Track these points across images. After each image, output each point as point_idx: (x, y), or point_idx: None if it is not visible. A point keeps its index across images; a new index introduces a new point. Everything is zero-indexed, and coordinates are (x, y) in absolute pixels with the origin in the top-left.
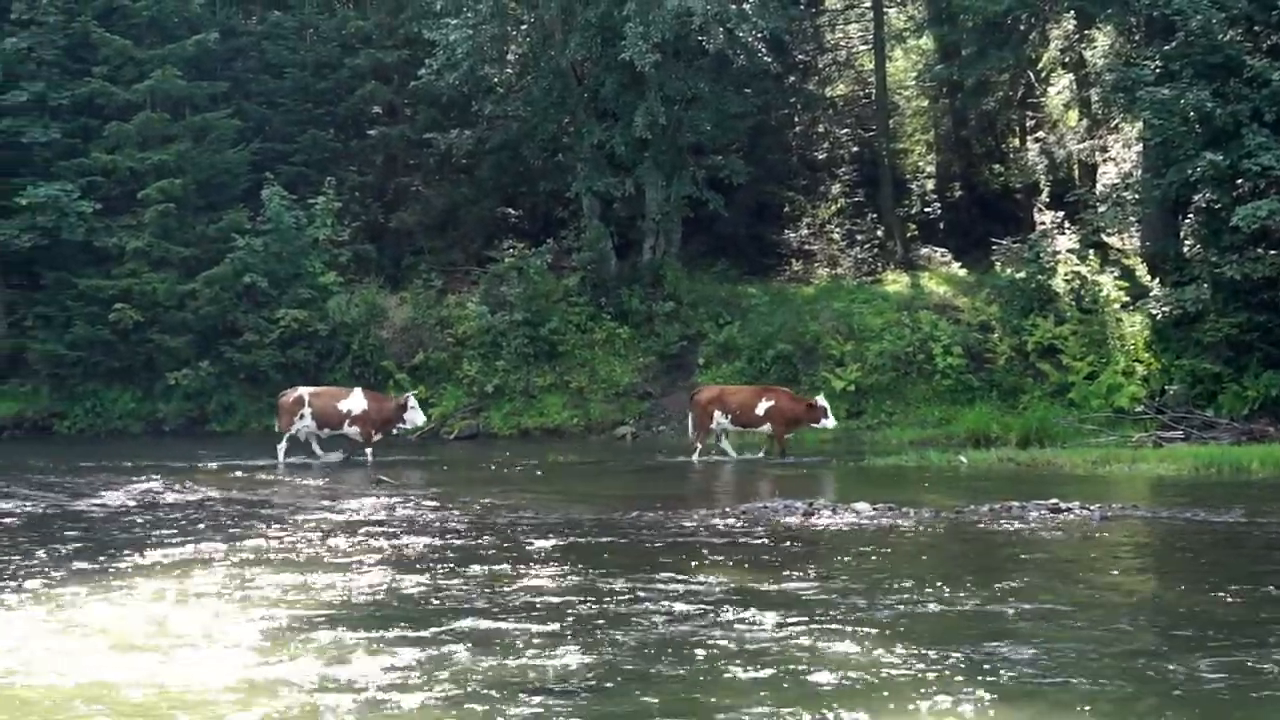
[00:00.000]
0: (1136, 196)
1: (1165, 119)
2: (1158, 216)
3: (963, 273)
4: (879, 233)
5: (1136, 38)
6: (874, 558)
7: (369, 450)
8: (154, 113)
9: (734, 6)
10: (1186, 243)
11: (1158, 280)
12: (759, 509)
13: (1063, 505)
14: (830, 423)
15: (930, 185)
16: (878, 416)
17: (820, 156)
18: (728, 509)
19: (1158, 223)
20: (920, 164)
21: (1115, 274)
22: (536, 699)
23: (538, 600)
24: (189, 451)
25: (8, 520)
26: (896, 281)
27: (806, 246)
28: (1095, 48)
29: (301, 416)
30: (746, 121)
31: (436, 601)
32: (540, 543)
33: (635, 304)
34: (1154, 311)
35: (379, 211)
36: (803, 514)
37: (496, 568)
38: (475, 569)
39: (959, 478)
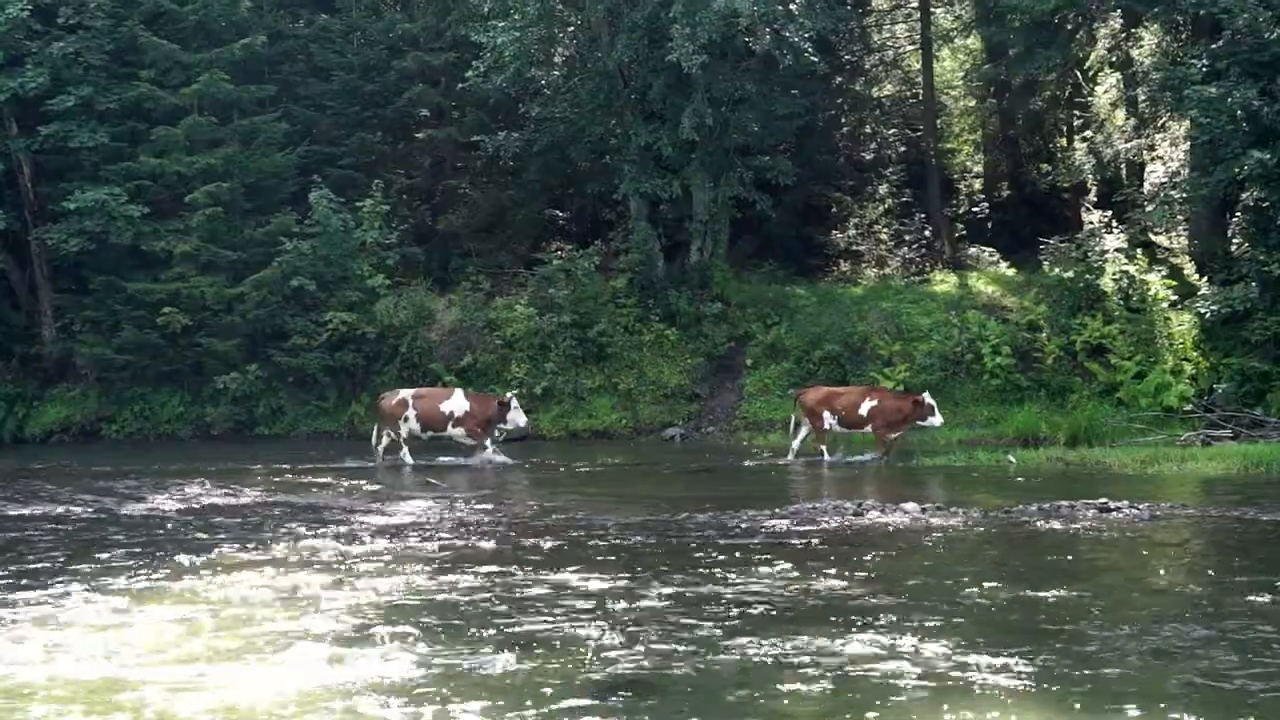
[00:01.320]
0: (1184, 195)
1: (1212, 117)
2: (1205, 215)
3: (1010, 272)
4: (926, 233)
5: (1183, 36)
6: (923, 558)
7: (488, 449)
8: (201, 116)
9: (780, 7)
10: (1234, 241)
11: (1206, 279)
12: (808, 510)
13: (1112, 504)
14: (937, 420)
15: (978, 185)
16: None
17: (868, 157)
18: (777, 510)
19: (1205, 221)
20: (968, 164)
21: (1163, 273)
22: (587, 702)
23: (588, 602)
24: (237, 455)
25: (57, 524)
26: (944, 281)
27: (854, 247)
28: (1142, 46)
29: (406, 419)
30: (794, 122)
31: (485, 604)
32: (591, 544)
33: (683, 305)
34: (1202, 310)
35: (426, 214)
36: (852, 514)
37: (546, 570)
38: (524, 571)
39: (1008, 477)
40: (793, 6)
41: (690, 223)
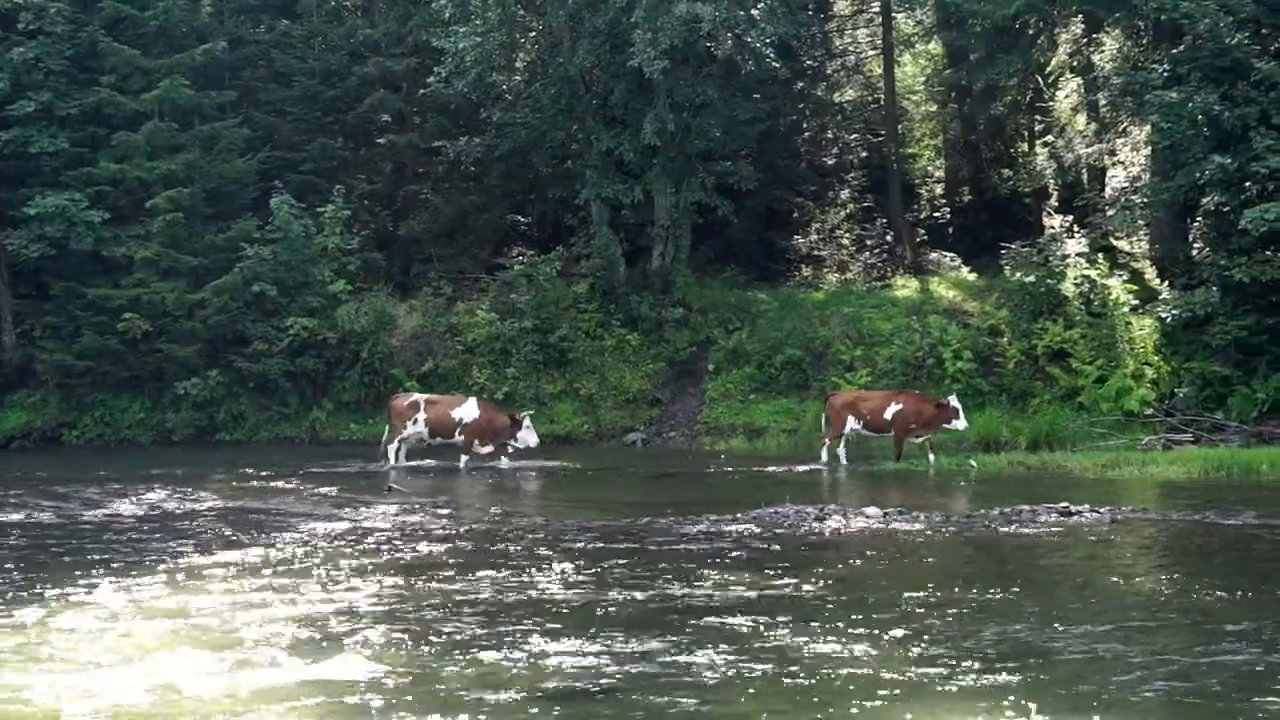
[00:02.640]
0: (1145, 200)
1: (1173, 122)
2: (1166, 220)
3: (972, 277)
4: (888, 237)
5: (1144, 41)
6: (885, 562)
7: (465, 459)
8: (162, 122)
9: (742, 12)
10: (1195, 246)
11: (1167, 283)
12: (770, 514)
13: (1073, 508)
14: (962, 424)
15: (939, 190)
16: None
17: (829, 162)
18: (739, 514)
19: (1166, 226)
20: (929, 169)
21: (1124, 277)
22: (549, 703)
23: (550, 606)
24: (198, 460)
25: (18, 530)
26: (906, 286)
27: (815, 252)
28: (1103, 52)
29: (415, 422)
30: (755, 127)
31: (446, 608)
32: (552, 549)
33: (645, 310)
34: (1163, 315)
35: (388, 219)
36: (814, 519)
37: (507, 574)
38: (486, 575)
39: (969, 481)
40: (754, 12)
41: (652, 228)
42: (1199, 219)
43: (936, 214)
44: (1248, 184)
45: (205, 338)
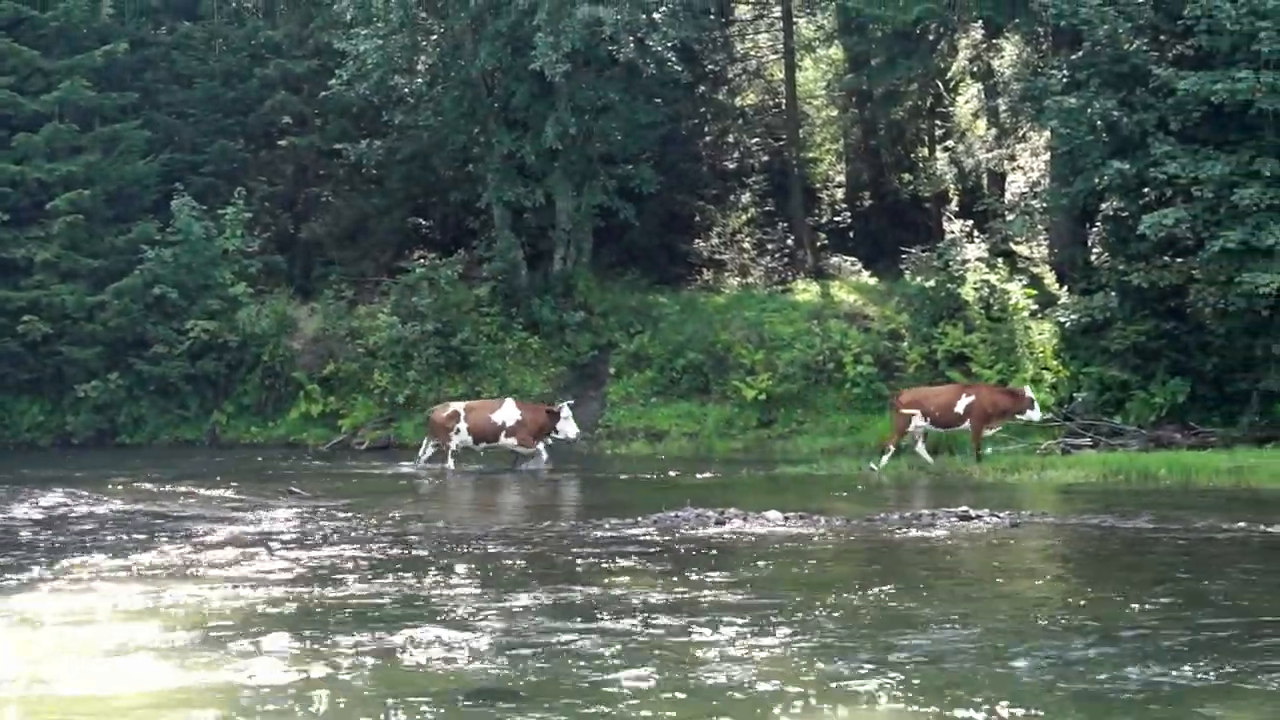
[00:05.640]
0: (1044, 205)
1: (1072, 128)
2: (1065, 225)
3: (872, 281)
4: (789, 242)
5: (1044, 47)
6: (785, 566)
7: (525, 463)
8: (62, 124)
9: (644, 16)
10: (1094, 251)
11: (1066, 288)
12: (671, 518)
13: (972, 513)
14: (1036, 414)
15: (840, 194)
16: (789, 425)
17: (730, 166)
18: (639, 518)
19: (1065, 231)
20: (830, 173)
21: (1024, 282)
22: (451, 705)
23: (448, 611)
24: (98, 463)
25: None
26: (807, 290)
27: (717, 256)
28: (1003, 57)
29: (457, 431)
30: (657, 131)
31: (345, 613)
32: (452, 553)
33: (546, 314)
34: (1062, 319)
35: (289, 222)
36: (714, 522)
37: (407, 579)
38: (386, 580)
39: (870, 486)
40: (656, 15)
41: (554, 231)
42: (1098, 224)
43: (837, 218)
44: (1146, 189)
45: (105, 340)
